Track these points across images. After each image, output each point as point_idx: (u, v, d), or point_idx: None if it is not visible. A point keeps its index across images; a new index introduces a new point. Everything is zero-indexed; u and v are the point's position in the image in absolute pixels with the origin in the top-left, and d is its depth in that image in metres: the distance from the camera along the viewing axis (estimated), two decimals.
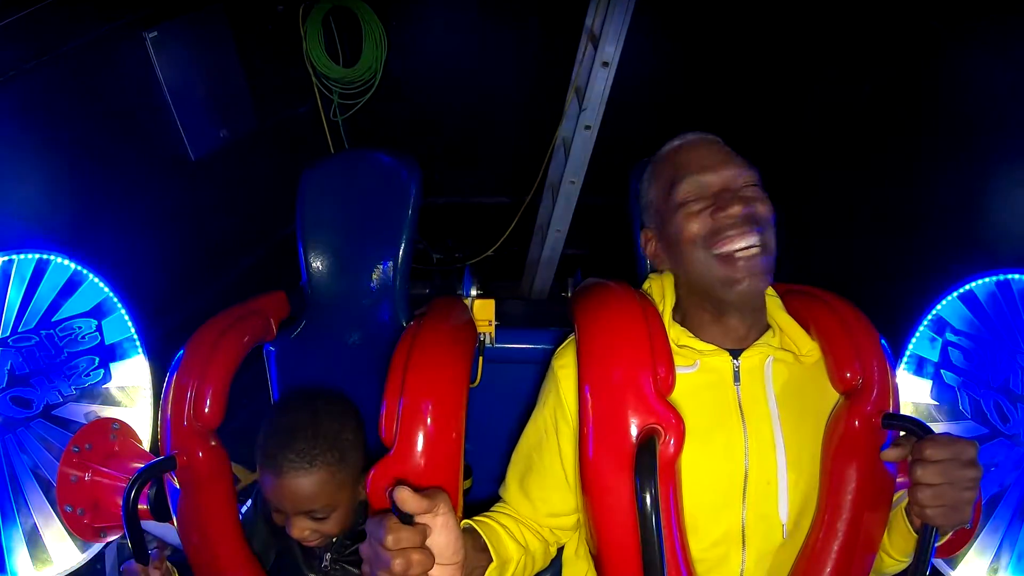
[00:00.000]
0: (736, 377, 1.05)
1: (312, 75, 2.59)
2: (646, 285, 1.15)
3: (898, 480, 1.02)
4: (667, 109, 2.57)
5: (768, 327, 1.11)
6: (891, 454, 0.96)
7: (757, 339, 1.08)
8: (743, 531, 1.01)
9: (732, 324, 1.07)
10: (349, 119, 2.72)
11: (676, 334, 1.07)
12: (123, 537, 1.19)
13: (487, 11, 2.65)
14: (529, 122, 2.71)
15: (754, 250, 0.98)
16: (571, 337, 1.14)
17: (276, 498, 1.14)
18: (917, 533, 0.95)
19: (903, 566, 1.05)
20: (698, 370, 1.06)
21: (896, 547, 1.02)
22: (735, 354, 1.06)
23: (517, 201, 2.73)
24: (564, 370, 1.11)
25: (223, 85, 2.04)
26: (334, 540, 1.24)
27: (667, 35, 2.56)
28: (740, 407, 1.04)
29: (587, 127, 2.03)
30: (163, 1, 1.68)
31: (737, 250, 0.98)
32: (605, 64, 1.93)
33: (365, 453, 1.20)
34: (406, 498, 0.80)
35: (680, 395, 0.99)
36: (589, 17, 2.14)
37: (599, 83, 1.96)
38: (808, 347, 1.07)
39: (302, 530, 1.15)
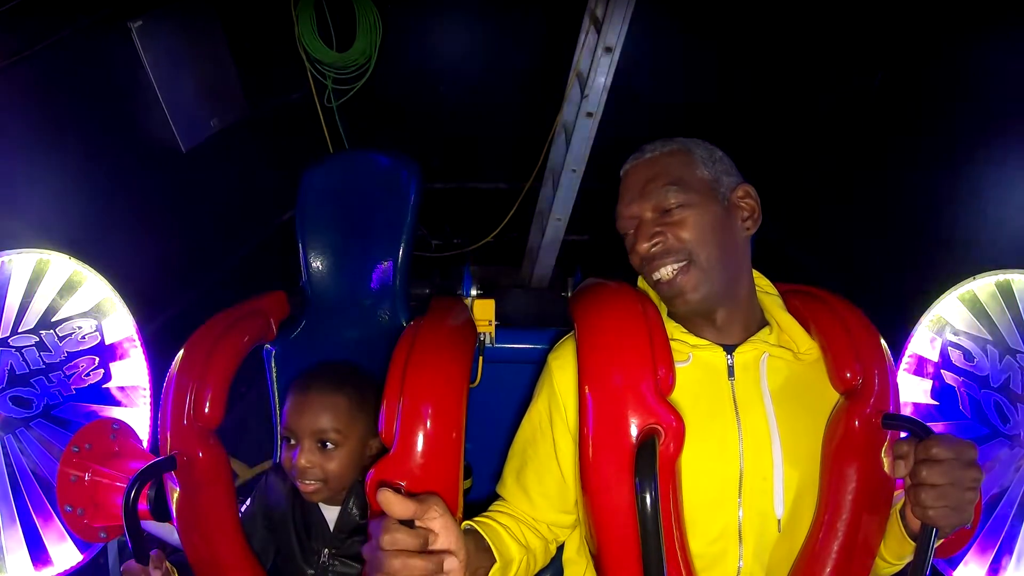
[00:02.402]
0: (731, 372, 1.06)
1: (305, 60, 2.50)
2: (641, 283, 1.16)
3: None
4: (672, 96, 2.50)
5: (766, 323, 1.11)
6: (900, 471, 0.92)
7: (753, 335, 1.08)
8: (740, 527, 1.01)
9: (719, 322, 1.08)
10: (344, 105, 2.64)
11: (670, 329, 1.07)
12: (123, 537, 1.18)
13: None
14: (529, 107, 2.63)
15: (669, 275, 1.06)
16: (568, 334, 1.14)
17: (295, 415, 1.21)
18: (911, 536, 0.95)
19: (895, 569, 1.05)
20: (691, 364, 1.06)
21: (890, 550, 1.02)
22: (729, 350, 1.07)
23: (517, 187, 2.65)
24: (558, 361, 1.11)
25: (212, 73, 1.98)
26: (331, 533, 1.25)
27: (672, 20, 2.47)
28: (735, 402, 1.04)
29: (589, 114, 1.95)
30: None
31: (658, 278, 1.07)
32: (608, 49, 1.84)
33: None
34: (390, 500, 0.79)
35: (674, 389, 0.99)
36: None
37: (602, 69, 1.87)
38: (807, 345, 1.08)
39: (308, 460, 1.19)
